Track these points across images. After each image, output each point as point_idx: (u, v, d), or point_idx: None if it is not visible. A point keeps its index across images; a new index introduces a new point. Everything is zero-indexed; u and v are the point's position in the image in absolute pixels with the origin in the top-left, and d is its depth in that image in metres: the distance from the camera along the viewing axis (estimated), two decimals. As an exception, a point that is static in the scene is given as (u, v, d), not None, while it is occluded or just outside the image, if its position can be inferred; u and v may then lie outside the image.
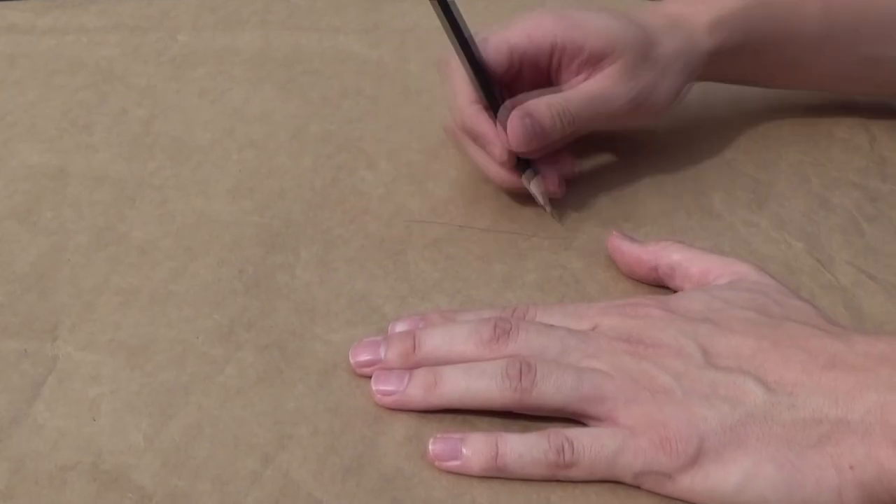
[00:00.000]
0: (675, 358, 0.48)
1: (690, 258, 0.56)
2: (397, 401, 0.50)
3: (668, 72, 0.65)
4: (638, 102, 0.64)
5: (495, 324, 0.51)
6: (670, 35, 0.65)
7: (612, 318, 0.51)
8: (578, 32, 0.62)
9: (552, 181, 0.63)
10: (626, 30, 0.63)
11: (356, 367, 0.52)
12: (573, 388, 0.48)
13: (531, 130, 0.60)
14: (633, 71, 0.63)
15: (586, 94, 0.63)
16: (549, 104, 0.61)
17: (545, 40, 0.63)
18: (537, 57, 0.63)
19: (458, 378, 0.49)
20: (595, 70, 0.63)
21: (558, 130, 0.62)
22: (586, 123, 0.63)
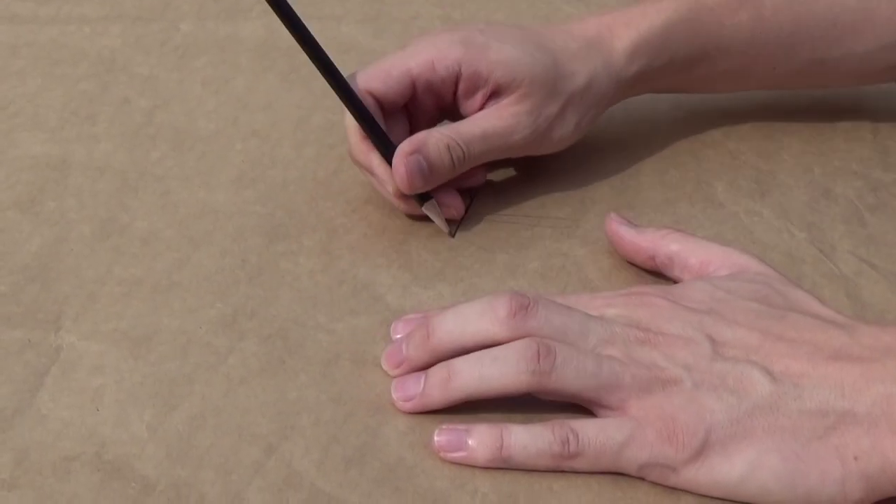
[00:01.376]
0: (684, 349, 0.47)
1: (689, 248, 0.56)
2: (418, 404, 0.50)
3: (575, 105, 0.63)
4: (537, 136, 0.62)
5: (511, 298, 0.49)
6: (584, 63, 0.63)
7: (618, 308, 0.51)
8: (483, 63, 0.60)
9: (451, 203, 0.62)
10: (533, 61, 0.61)
11: (391, 370, 0.52)
12: (593, 374, 0.47)
13: (417, 169, 0.59)
14: (535, 106, 0.61)
15: (481, 128, 0.61)
16: (438, 139, 0.60)
17: (449, 70, 0.61)
18: (440, 86, 0.61)
19: (472, 367, 0.48)
20: (496, 102, 0.61)
21: (447, 166, 0.60)
22: (480, 157, 0.61)
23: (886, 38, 0.66)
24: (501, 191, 0.65)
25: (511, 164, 0.67)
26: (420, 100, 0.62)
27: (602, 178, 0.66)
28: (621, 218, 0.59)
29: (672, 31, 0.64)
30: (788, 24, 0.65)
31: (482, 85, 0.61)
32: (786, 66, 0.67)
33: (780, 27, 0.65)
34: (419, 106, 0.63)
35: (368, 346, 0.54)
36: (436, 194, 0.61)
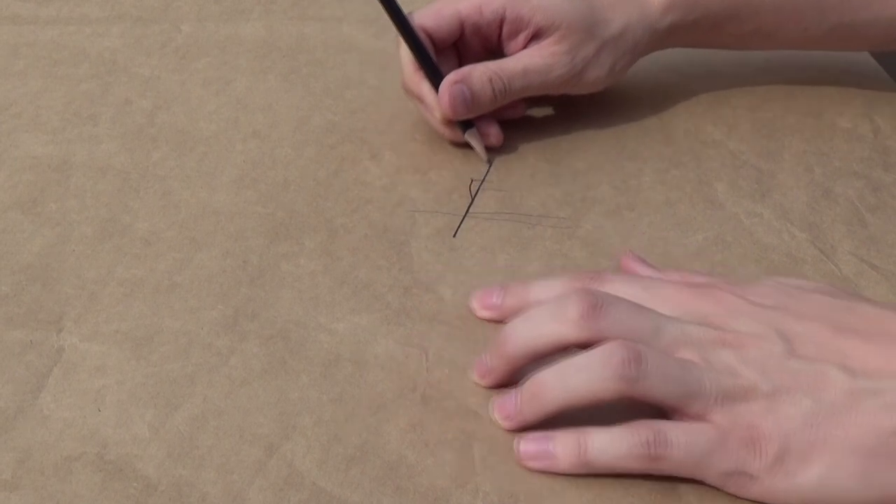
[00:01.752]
0: (758, 349, 0.46)
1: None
2: (517, 422, 0.49)
3: (609, 49, 0.68)
4: (572, 75, 0.68)
5: (580, 298, 0.48)
6: (620, 11, 0.68)
7: (689, 300, 0.49)
8: (525, 8, 0.66)
9: (491, 132, 0.68)
10: (571, 7, 0.67)
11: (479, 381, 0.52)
12: (679, 381, 0.46)
13: (461, 98, 0.65)
14: (572, 47, 0.67)
15: (522, 64, 0.67)
16: (482, 72, 0.66)
17: (494, 14, 0.67)
18: (487, 29, 0.68)
19: (557, 380, 0.47)
20: (537, 43, 0.67)
21: (489, 97, 0.66)
22: (520, 91, 0.67)
23: None
24: (502, 191, 0.65)
25: (510, 165, 0.67)
26: (468, 40, 0.69)
27: (603, 179, 0.66)
28: (637, 256, 0.58)
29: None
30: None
31: (524, 27, 0.67)
32: (816, 28, 0.70)
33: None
34: (467, 45, 0.69)
35: (369, 346, 0.54)
36: (477, 124, 0.68)
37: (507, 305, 0.54)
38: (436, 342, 0.54)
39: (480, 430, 0.49)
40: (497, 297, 0.55)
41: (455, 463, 0.48)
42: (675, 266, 0.59)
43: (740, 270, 0.59)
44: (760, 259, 0.60)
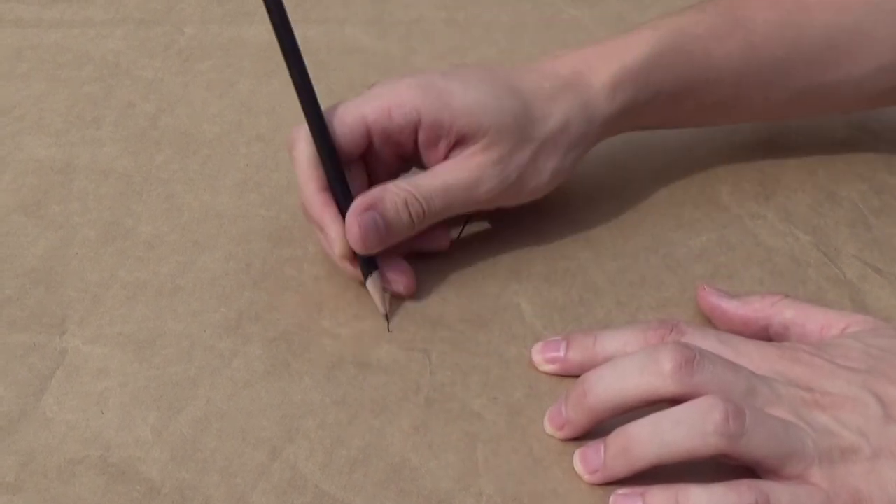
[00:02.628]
0: (854, 412, 0.45)
1: (805, 314, 0.52)
2: (603, 476, 0.46)
3: (548, 152, 0.58)
4: (506, 187, 0.57)
5: (675, 350, 0.46)
6: (559, 103, 0.58)
7: (775, 359, 0.47)
8: (445, 110, 0.55)
9: (400, 279, 0.57)
10: (500, 106, 0.56)
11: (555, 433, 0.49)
12: (781, 440, 0.44)
13: (373, 228, 0.54)
14: (502, 156, 0.56)
15: (442, 181, 0.56)
16: (395, 194, 0.55)
17: (407, 118, 0.55)
18: (399, 135, 0.56)
19: (651, 433, 0.45)
20: (461, 151, 0.57)
21: (406, 224, 0.55)
22: (442, 213, 0.57)
23: (885, 58, 0.62)
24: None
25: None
26: (378, 150, 0.57)
27: (606, 181, 0.66)
28: (716, 290, 0.55)
29: (656, 62, 0.60)
30: (781, 48, 0.62)
31: (444, 134, 0.56)
32: (780, 93, 0.64)
33: (773, 53, 0.62)
34: (377, 157, 0.58)
35: (372, 349, 0.54)
36: (385, 266, 0.57)
37: (571, 359, 0.52)
38: (439, 345, 0.54)
39: (484, 433, 0.49)
40: (560, 350, 0.52)
41: (458, 465, 0.48)
42: (678, 268, 0.59)
43: (744, 272, 0.59)
44: (764, 262, 0.60)
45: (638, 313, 0.56)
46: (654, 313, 0.56)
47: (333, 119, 0.56)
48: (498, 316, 0.56)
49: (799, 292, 0.57)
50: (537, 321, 0.56)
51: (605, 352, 0.51)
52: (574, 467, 0.48)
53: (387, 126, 0.56)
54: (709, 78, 0.61)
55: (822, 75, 0.63)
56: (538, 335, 0.55)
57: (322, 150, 0.55)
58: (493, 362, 0.53)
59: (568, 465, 0.48)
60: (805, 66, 0.63)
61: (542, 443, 0.49)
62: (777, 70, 0.62)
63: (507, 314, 0.56)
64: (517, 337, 0.55)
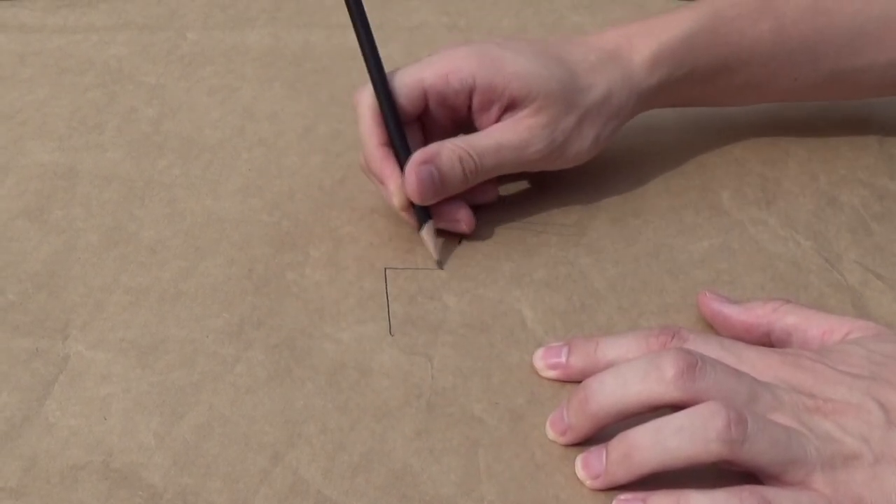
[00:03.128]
0: (856, 418, 0.45)
1: (808, 319, 0.52)
2: (604, 482, 0.46)
3: (591, 120, 0.62)
4: (552, 150, 0.61)
5: (678, 356, 0.46)
6: (602, 75, 0.62)
7: (778, 366, 0.47)
8: (498, 76, 0.59)
9: (462, 218, 0.61)
10: (549, 74, 0.60)
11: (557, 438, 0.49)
12: (784, 446, 0.44)
13: (429, 180, 0.58)
14: (551, 119, 0.60)
15: (495, 140, 0.60)
16: (452, 150, 0.59)
17: (463, 82, 0.60)
18: (454, 99, 0.60)
19: (653, 440, 0.45)
20: (511, 115, 0.61)
21: (459, 178, 0.59)
22: (493, 170, 0.61)
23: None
24: (507, 199, 0.65)
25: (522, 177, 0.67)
26: (434, 112, 0.61)
27: (608, 186, 0.66)
28: (717, 296, 0.55)
29: (692, 41, 0.63)
30: (811, 34, 0.65)
31: (497, 98, 0.60)
32: (808, 77, 0.66)
33: (803, 37, 0.64)
34: (433, 119, 0.62)
35: (374, 354, 0.54)
36: (447, 209, 0.61)
37: (573, 365, 0.52)
38: (441, 350, 0.54)
39: (486, 438, 0.49)
40: (562, 356, 0.52)
41: (460, 470, 0.48)
42: (679, 274, 0.59)
43: (745, 278, 0.59)
44: (766, 267, 0.60)
45: (639, 319, 0.56)
46: (655, 319, 0.56)
47: (394, 80, 0.60)
48: (499, 321, 0.56)
49: (800, 298, 0.57)
50: (539, 327, 0.56)
51: (606, 358, 0.51)
52: (576, 473, 0.47)
53: (443, 90, 0.60)
54: (741, 58, 0.65)
55: (849, 61, 0.66)
56: (540, 341, 0.55)
57: (384, 108, 0.59)
58: (494, 367, 0.53)
59: (570, 470, 0.48)
60: (834, 51, 0.65)
61: (544, 448, 0.49)
62: (806, 54, 0.65)
63: (508, 320, 0.56)
64: (519, 342, 0.55)
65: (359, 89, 0.61)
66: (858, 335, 0.50)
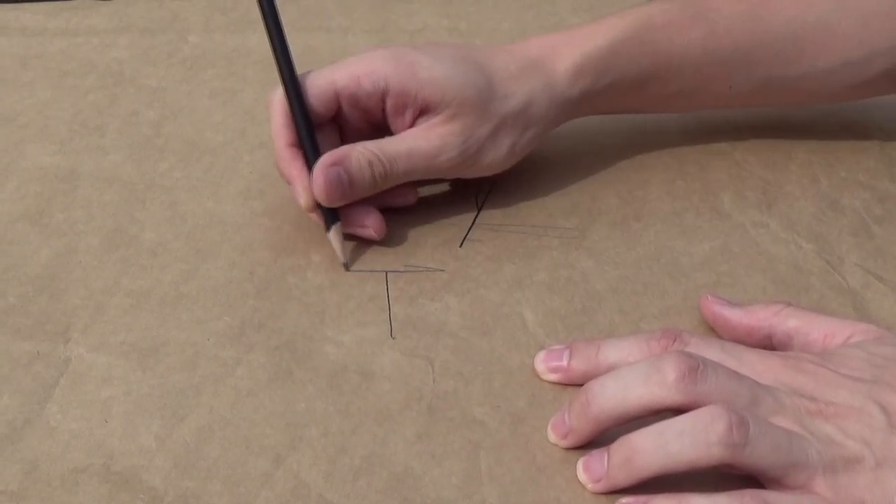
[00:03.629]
0: (858, 421, 0.45)
1: (809, 322, 0.52)
2: (606, 486, 0.46)
3: (508, 128, 0.62)
4: (465, 158, 0.61)
5: (679, 360, 0.46)
6: (522, 84, 0.62)
7: (779, 369, 0.47)
8: (412, 80, 0.59)
9: (371, 224, 0.61)
10: (465, 81, 0.60)
11: (559, 441, 0.49)
12: (785, 450, 0.44)
13: (337, 182, 0.58)
14: (464, 128, 0.60)
15: (407, 146, 0.60)
16: (361, 153, 0.59)
17: (375, 85, 0.59)
18: (367, 101, 0.60)
19: (655, 444, 0.45)
20: (426, 120, 0.60)
21: (368, 182, 0.59)
22: (404, 176, 0.60)
23: (849, 54, 0.64)
24: (509, 201, 0.65)
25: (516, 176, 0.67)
26: (348, 115, 0.61)
27: (609, 189, 0.66)
28: (719, 298, 0.55)
29: (618, 49, 0.63)
30: (744, 41, 0.64)
31: (411, 103, 0.60)
32: (743, 84, 0.66)
33: (736, 44, 0.64)
34: (348, 122, 0.62)
35: (376, 357, 0.54)
36: (356, 213, 0.60)
37: (574, 368, 0.52)
38: (442, 353, 0.54)
39: (487, 441, 0.49)
40: (564, 359, 0.52)
41: (461, 473, 0.48)
42: (680, 276, 0.59)
43: (746, 281, 0.59)
44: (767, 270, 0.60)
45: (641, 322, 0.56)
46: (656, 322, 0.56)
47: (306, 81, 0.60)
48: (500, 324, 0.56)
49: (801, 301, 0.57)
50: (540, 330, 0.56)
51: (608, 361, 0.51)
52: (577, 476, 0.47)
53: (355, 92, 0.59)
54: (670, 66, 0.64)
55: (785, 68, 0.65)
56: (541, 343, 0.55)
57: (294, 109, 0.59)
58: (495, 371, 0.53)
59: (571, 473, 0.48)
60: (768, 59, 0.64)
61: (546, 451, 0.49)
62: (740, 61, 0.64)
63: (509, 322, 0.56)
64: (520, 345, 0.55)
65: (273, 89, 0.61)
66: (860, 338, 0.50)
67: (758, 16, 0.64)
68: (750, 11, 0.64)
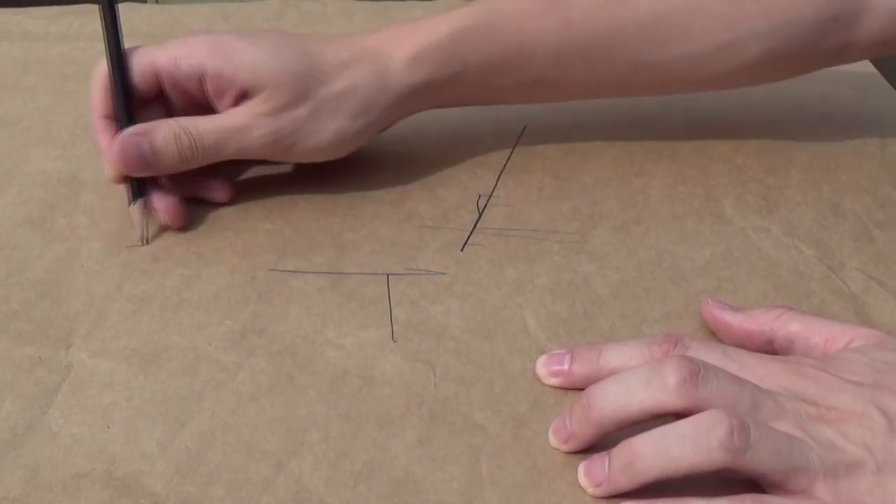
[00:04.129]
0: (859, 426, 0.45)
1: (810, 327, 0.52)
2: (607, 490, 0.46)
3: (330, 113, 0.62)
4: (280, 137, 0.62)
5: (680, 364, 0.46)
6: (351, 72, 0.62)
7: (780, 373, 0.47)
8: (228, 65, 0.60)
9: (168, 210, 0.62)
10: (280, 66, 0.61)
11: (560, 446, 0.49)
12: (786, 454, 0.44)
13: (136, 152, 0.60)
14: (276, 108, 0.61)
15: (219, 124, 0.61)
16: (170, 126, 0.60)
17: (193, 68, 0.61)
18: (185, 83, 0.61)
19: (656, 448, 0.45)
20: (244, 102, 0.61)
21: (173, 155, 0.60)
22: (214, 153, 0.61)
23: (720, 36, 0.63)
24: (510, 205, 0.65)
25: (517, 180, 0.67)
26: (171, 95, 0.62)
27: (610, 194, 0.67)
28: (720, 303, 0.55)
29: (460, 38, 0.63)
30: (603, 25, 0.63)
31: (228, 87, 0.61)
32: (608, 71, 0.64)
33: (592, 30, 0.63)
34: (172, 102, 0.63)
35: (377, 361, 0.54)
36: (157, 199, 0.62)
37: (576, 372, 0.52)
38: (443, 357, 0.54)
39: (488, 445, 0.49)
40: (565, 363, 0.52)
41: (462, 478, 0.48)
42: (682, 281, 0.59)
43: (747, 285, 0.59)
44: (768, 275, 0.60)
45: (642, 326, 0.56)
46: (658, 326, 0.56)
47: (130, 57, 0.61)
48: (502, 328, 0.56)
49: (802, 305, 0.57)
50: (541, 333, 0.56)
51: (609, 365, 0.51)
52: (578, 480, 0.47)
53: (173, 73, 0.61)
54: (522, 54, 0.63)
55: (651, 53, 0.64)
56: (542, 347, 0.55)
57: (113, 80, 0.61)
58: (497, 375, 0.53)
59: (572, 477, 0.48)
60: (633, 44, 0.63)
61: (547, 455, 0.49)
62: (599, 47, 0.63)
63: (511, 326, 0.56)
64: (521, 349, 0.55)
65: (98, 61, 0.62)
66: (861, 343, 0.50)
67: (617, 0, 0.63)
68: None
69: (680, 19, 0.63)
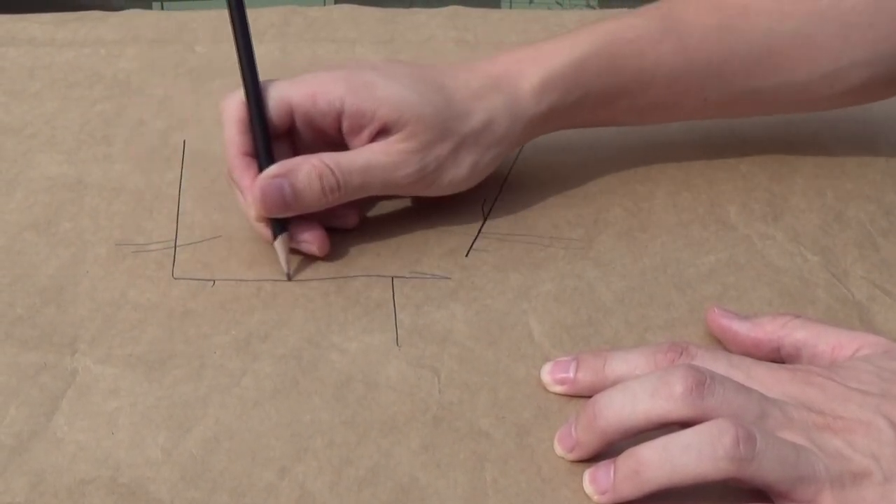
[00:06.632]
0: (866, 436, 0.44)
1: (817, 334, 0.51)
2: (612, 498, 0.46)
3: (469, 147, 0.61)
4: (424, 175, 0.60)
5: (686, 373, 0.45)
6: (483, 102, 0.61)
7: (787, 383, 0.47)
8: (368, 101, 0.59)
9: (313, 240, 0.60)
10: (422, 100, 0.59)
11: (565, 455, 0.49)
12: (792, 464, 0.43)
13: (278, 194, 0.58)
14: (422, 146, 0.59)
15: (364, 160, 0.59)
16: (314, 165, 0.58)
17: (330, 105, 0.59)
18: (321, 120, 0.60)
19: (661, 457, 0.44)
20: (384, 139, 0.60)
21: (316, 195, 0.59)
22: (359, 191, 0.60)
23: (826, 65, 0.64)
24: (515, 211, 0.65)
25: (523, 186, 0.67)
26: (302, 133, 0.61)
27: (615, 200, 0.67)
28: (726, 311, 0.55)
29: (585, 65, 0.62)
30: (718, 53, 0.63)
31: (367, 123, 0.59)
32: (719, 96, 0.65)
33: (709, 57, 0.63)
34: (303, 139, 0.61)
35: (381, 367, 0.54)
36: (300, 229, 0.60)
37: (581, 380, 0.52)
38: (447, 363, 0.54)
39: (492, 452, 0.49)
40: (570, 371, 0.52)
41: (467, 485, 0.48)
42: (686, 288, 0.59)
43: (752, 293, 0.59)
44: (773, 282, 0.60)
45: (646, 333, 0.56)
46: (662, 333, 0.56)
47: (265, 92, 0.59)
48: (506, 334, 0.56)
49: (807, 313, 0.57)
50: (546, 340, 0.56)
51: (614, 374, 0.51)
52: (583, 488, 0.47)
53: (310, 110, 0.59)
54: (641, 80, 0.64)
55: (761, 80, 0.64)
56: (547, 354, 0.55)
57: (253, 117, 0.59)
58: (501, 381, 0.53)
59: (577, 485, 0.48)
60: (743, 71, 0.64)
61: (551, 463, 0.49)
62: (713, 74, 0.64)
63: (515, 332, 0.56)
64: (526, 356, 0.55)
65: (226, 95, 0.61)
66: (868, 351, 0.50)
67: (731, 28, 0.64)
68: (723, 24, 0.64)
69: (789, 49, 0.63)
